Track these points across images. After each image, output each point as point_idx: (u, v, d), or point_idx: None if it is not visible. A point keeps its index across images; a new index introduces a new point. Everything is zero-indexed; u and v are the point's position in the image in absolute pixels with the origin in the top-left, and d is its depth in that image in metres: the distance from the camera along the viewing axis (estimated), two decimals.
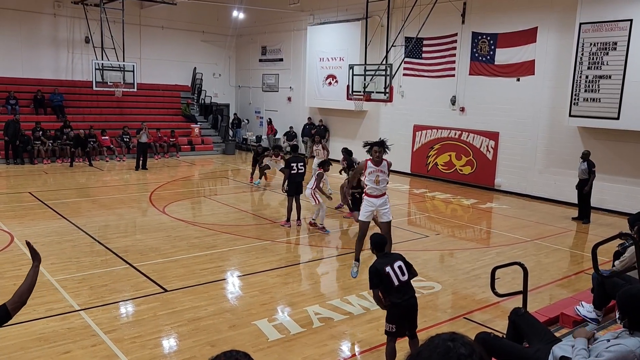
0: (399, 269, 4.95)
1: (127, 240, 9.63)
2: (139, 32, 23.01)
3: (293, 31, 22.82)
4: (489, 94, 16.00)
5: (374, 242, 5.31)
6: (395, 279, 4.88)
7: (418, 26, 15.25)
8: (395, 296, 4.88)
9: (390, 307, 4.96)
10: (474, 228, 11.93)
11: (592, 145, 13.40)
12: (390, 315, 4.97)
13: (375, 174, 7.73)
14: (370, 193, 7.81)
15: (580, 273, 8.71)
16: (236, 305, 6.91)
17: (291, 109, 23.59)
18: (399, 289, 4.90)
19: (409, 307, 4.97)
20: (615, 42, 12.61)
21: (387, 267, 4.91)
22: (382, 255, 5.20)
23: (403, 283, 4.93)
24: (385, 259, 5.09)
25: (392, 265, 4.93)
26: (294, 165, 10.78)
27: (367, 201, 7.80)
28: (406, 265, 5.07)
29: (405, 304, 4.92)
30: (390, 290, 4.90)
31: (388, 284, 4.89)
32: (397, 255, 5.19)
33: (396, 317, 4.93)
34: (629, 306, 2.97)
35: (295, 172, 10.79)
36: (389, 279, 4.88)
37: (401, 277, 4.93)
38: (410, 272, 5.08)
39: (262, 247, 9.55)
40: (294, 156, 11.59)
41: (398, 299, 4.89)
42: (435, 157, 17.65)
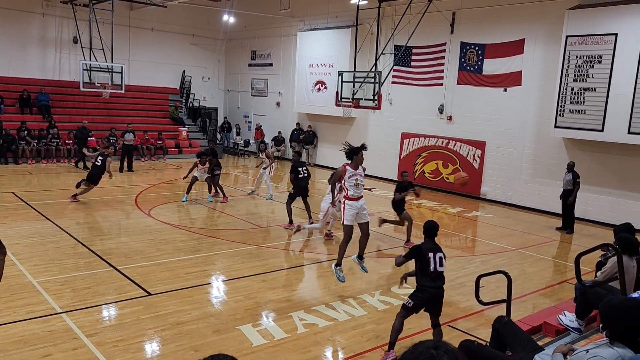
0: (439, 259, 5.41)
1: (112, 243, 9.55)
2: (128, 33, 22.89)
3: (283, 36, 22.87)
4: (477, 104, 16.16)
5: (428, 227, 5.69)
6: (432, 265, 5.35)
7: (407, 35, 15.37)
8: (427, 280, 5.35)
9: (417, 289, 5.43)
10: (460, 236, 12.00)
11: (577, 157, 13.58)
12: (415, 295, 5.43)
13: (354, 177, 7.80)
14: (352, 196, 7.84)
15: (564, 282, 8.80)
16: (220, 310, 6.87)
17: (280, 114, 23.59)
18: (432, 276, 5.36)
19: (435, 294, 5.40)
20: (601, 55, 12.82)
21: (430, 253, 5.39)
22: (430, 242, 5.61)
23: (438, 272, 5.39)
24: (432, 245, 5.54)
25: (435, 253, 5.41)
26: (300, 169, 11.37)
27: (349, 205, 7.82)
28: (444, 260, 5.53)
29: (432, 291, 5.37)
30: (424, 272, 5.36)
31: (425, 266, 5.35)
32: (441, 249, 5.60)
33: (419, 298, 5.38)
34: (609, 317, 3.01)
35: (301, 176, 11.38)
36: (427, 263, 5.35)
37: (438, 266, 5.39)
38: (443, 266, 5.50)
39: (247, 252, 9.52)
40: (299, 161, 11.97)
41: (428, 283, 5.35)
42: (422, 165, 17.76)
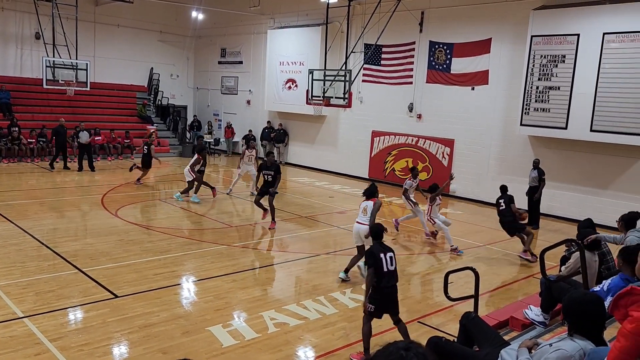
0: (390, 259, 5.58)
1: (77, 245, 9.30)
2: (94, 29, 22.36)
3: (253, 34, 22.71)
4: (445, 102, 16.37)
5: (375, 230, 5.96)
6: (385, 266, 5.50)
7: (377, 33, 15.46)
8: (382, 281, 5.49)
9: (373, 291, 5.52)
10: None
11: (542, 154, 13.90)
12: (373, 298, 5.54)
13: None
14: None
15: (530, 277, 8.99)
16: (190, 311, 6.77)
17: (250, 112, 23.43)
18: (386, 275, 5.51)
19: (390, 294, 5.56)
20: (564, 55, 13.14)
21: (381, 254, 5.56)
22: (378, 243, 5.80)
23: (390, 272, 5.54)
24: (381, 247, 5.71)
25: (385, 254, 5.57)
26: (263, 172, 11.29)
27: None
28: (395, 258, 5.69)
29: (387, 290, 5.52)
30: (379, 274, 5.49)
31: (380, 268, 5.50)
32: (391, 249, 5.75)
33: (377, 300, 5.52)
34: (570, 311, 3.09)
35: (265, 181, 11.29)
36: (381, 264, 5.50)
37: (389, 266, 5.55)
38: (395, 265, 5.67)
39: (217, 251, 9.42)
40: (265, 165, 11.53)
41: (383, 283, 5.48)
42: (393, 162, 17.90)
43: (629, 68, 12.11)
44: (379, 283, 5.49)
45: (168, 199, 14.05)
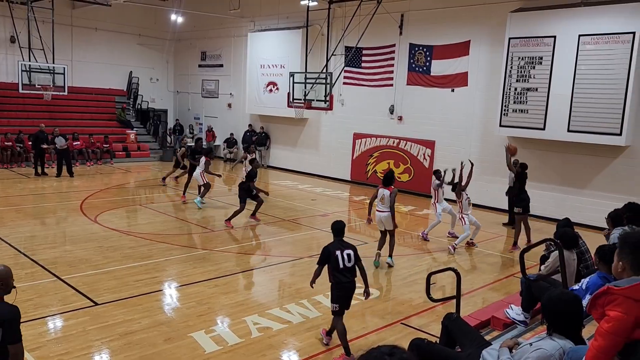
0: (347, 256, 5.75)
1: (55, 252, 9.14)
2: (71, 33, 22.06)
3: (233, 37, 22.62)
4: (426, 104, 16.50)
5: (336, 227, 6.03)
6: (341, 263, 5.70)
7: (357, 36, 15.52)
8: (340, 276, 5.70)
9: (333, 289, 5.78)
10: (412, 234, 12.19)
11: (521, 155, 14.03)
12: (334, 296, 5.77)
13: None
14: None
15: (510, 277, 9.09)
16: (172, 318, 6.70)
17: (231, 116, 23.33)
18: (343, 272, 5.71)
19: (349, 290, 5.79)
20: (541, 56, 13.35)
21: (337, 251, 5.73)
22: (337, 240, 5.95)
23: (348, 268, 5.73)
24: (340, 244, 5.87)
25: (342, 251, 5.75)
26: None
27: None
28: (356, 257, 5.84)
29: (347, 285, 5.75)
30: (335, 271, 5.72)
31: (334, 265, 5.71)
32: (350, 245, 5.93)
33: (338, 297, 5.73)
34: (548, 310, 3.14)
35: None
36: (336, 262, 5.69)
37: (347, 263, 5.73)
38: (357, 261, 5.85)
39: (200, 256, 9.35)
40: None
41: (342, 279, 5.70)
42: (375, 164, 17.97)
43: (604, 69, 12.34)
44: (337, 280, 5.72)
45: (148, 203, 13.91)
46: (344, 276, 5.71)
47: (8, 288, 3.61)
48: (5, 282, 3.58)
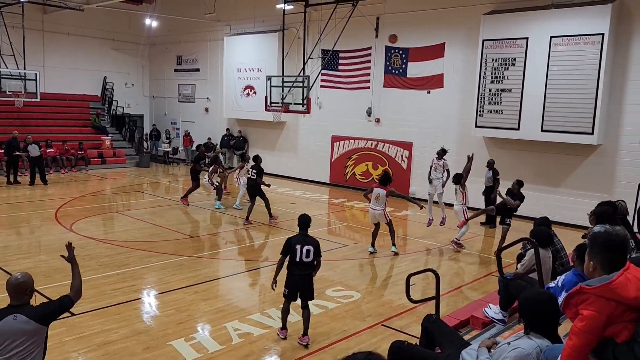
0: (307, 252, 6.06)
1: (29, 262, 8.95)
2: (42, 38, 21.65)
3: (209, 41, 22.48)
4: (403, 106, 16.62)
5: (302, 220, 6.32)
6: (298, 256, 6.05)
7: (334, 39, 15.55)
8: (295, 269, 6.09)
9: (287, 276, 6.18)
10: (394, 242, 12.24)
11: (497, 154, 14.29)
12: (287, 281, 6.20)
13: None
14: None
15: (489, 275, 9.21)
16: (151, 326, 6.61)
17: (209, 120, 23.16)
18: (298, 265, 6.06)
19: (300, 281, 6.11)
20: (514, 58, 13.57)
21: (298, 246, 6.06)
22: (301, 234, 6.22)
23: (305, 263, 6.07)
24: (301, 238, 6.16)
25: (303, 246, 6.07)
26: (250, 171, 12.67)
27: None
28: (316, 253, 6.12)
29: (298, 277, 6.09)
30: (291, 262, 6.10)
31: (292, 257, 6.07)
32: (314, 241, 6.18)
33: (289, 284, 6.16)
34: (525, 309, 3.19)
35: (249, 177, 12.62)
36: (294, 254, 6.05)
37: (304, 257, 6.06)
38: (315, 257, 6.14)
39: (178, 263, 9.24)
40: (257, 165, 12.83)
41: (296, 271, 6.08)
42: (353, 167, 18.04)
43: (575, 70, 12.60)
44: (290, 271, 6.12)
45: (125, 210, 13.71)
46: (297, 269, 6.08)
47: (32, 293, 3.79)
48: (31, 288, 3.77)
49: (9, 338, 3.56)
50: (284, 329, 6.34)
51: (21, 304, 3.66)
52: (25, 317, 3.59)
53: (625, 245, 2.70)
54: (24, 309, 3.64)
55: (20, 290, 3.67)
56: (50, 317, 3.77)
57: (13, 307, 3.64)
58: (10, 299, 3.70)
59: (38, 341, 3.68)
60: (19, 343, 3.58)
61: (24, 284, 3.69)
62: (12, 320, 3.57)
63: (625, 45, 12.49)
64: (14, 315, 3.59)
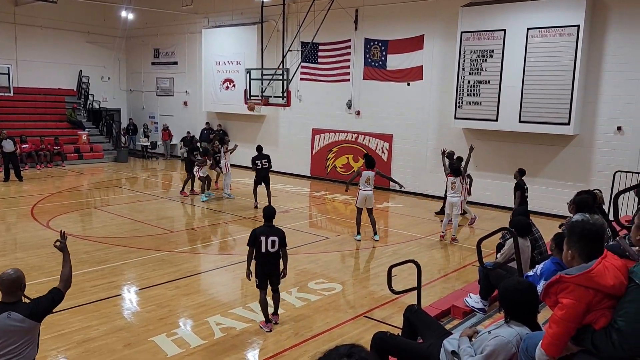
0: (271, 242, 6.26)
1: (5, 260, 8.77)
2: (14, 31, 21.13)
3: (187, 34, 22.19)
4: (383, 98, 16.66)
5: (266, 212, 6.51)
6: (263, 247, 6.24)
7: (313, 31, 15.49)
8: (260, 259, 6.30)
9: (255, 266, 6.34)
10: (370, 227, 12.30)
11: (476, 145, 14.36)
12: (256, 272, 6.36)
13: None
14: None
15: (469, 265, 9.31)
16: (132, 322, 6.54)
17: (188, 114, 22.92)
18: (265, 256, 6.27)
19: (267, 269, 6.35)
20: (492, 49, 13.69)
21: (262, 237, 6.24)
22: (266, 225, 6.42)
23: (270, 252, 6.28)
24: (266, 229, 6.35)
25: (267, 237, 6.25)
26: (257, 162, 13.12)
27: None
28: (281, 243, 6.33)
29: (265, 267, 6.33)
30: (258, 253, 6.28)
31: (258, 248, 6.26)
32: (278, 232, 6.37)
33: (259, 273, 6.34)
34: (504, 298, 3.24)
35: (259, 168, 13.13)
36: (259, 245, 6.24)
37: (270, 248, 6.26)
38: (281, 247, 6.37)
39: (159, 258, 9.16)
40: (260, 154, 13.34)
41: (262, 260, 6.29)
42: (334, 159, 18.04)
43: (552, 61, 12.76)
44: (258, 261, 6.31)
45: (103, 206, 13.51)
46: (264, 258, 6.30)
47: (24, 289, 3.79)
48: (24, 284, 3.76)
49: (3, 336, 3.50)
50: (268, 322, 6.42)
51: (14, 302, 3.59)
52: (19, 314, 3.54)
53: (602, 234, 2.75)
54: (17, 306, 3.57)
55: (13, 286, 3.60)
56: (44, 313, 3.73)
57: (6, 305, 3.57)
58: (2, 296, 3.61)
59: (32, 338, 3.65)
60: (14, 341, 3.54)
61: (17, 280, 3.62)
62: (6, 318, 3.51)
63: (600, 37, 12.69)
64: (7, 313, 3.52)
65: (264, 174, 13.29)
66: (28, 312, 3.60)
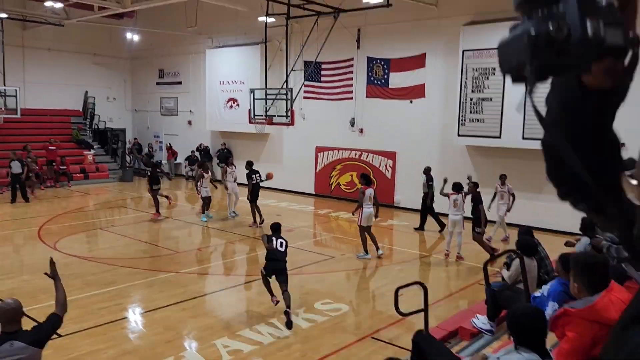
0: (280, 243, 7.55)
1: (12, 282, 8.81)
2: (22, 54, 21.42)
3: (192, 54, 22.45)
4: (385, 116, 16.76)
5: (274, 227, 7.98)
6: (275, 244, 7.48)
7: (316, 50, 15.68)
8: (270, 255, 7.43)
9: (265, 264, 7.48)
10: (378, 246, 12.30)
11: (479, 162, 14.49)
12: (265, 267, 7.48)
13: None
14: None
15: (475, 284, 9.28)
16: (139, 345, 6.56)
17: (192, 133, 23.07)
18: (275, 251, 7.42)
19: (275, 265, 7.39)
20: (494, 67, 13.78)
21: (274, 238, 7.58)
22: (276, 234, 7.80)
23: (280, 250, 7.48)
24: (275, 234, 7.74)
25: (277, 239, 7.58)
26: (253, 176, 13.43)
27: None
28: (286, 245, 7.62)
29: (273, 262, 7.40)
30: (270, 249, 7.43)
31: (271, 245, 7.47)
32: (283, 238, 7.68)
33: (267, 267, 7.46)
34: (513, 324, 3.26)
35: (255, 182, 13.38)
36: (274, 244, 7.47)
37: (279, 247, 7.49)
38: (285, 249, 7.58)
39: (165, 279, 9.18)
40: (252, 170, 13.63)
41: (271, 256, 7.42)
42: (338, 177, 18.10)
43: None
44: (269, 256, 7.42)
45: (109, 227, 13.57)
46: (274, 254, 7.40)
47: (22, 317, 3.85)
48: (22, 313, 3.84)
49: None
50: (273, 295, 7.39)
51: (15, 331, 3.67)
52: (22, 343, 3.61)
53: (605, 267, 2.78)
54: (18, 335, 3.65)
55: (12, 317, 3.68)
56: (45, 340, 3.82)
57: (7, 334, 3.63)
58: (3, 326, 3.66)
59: None
60: None
61: (16, 310, 3.71)
62: (9, 347, 3.57)
63: None
64: (9, 342, 3.58)
65: (258, 189, 13.49)
66: (30, 340, 3.67)
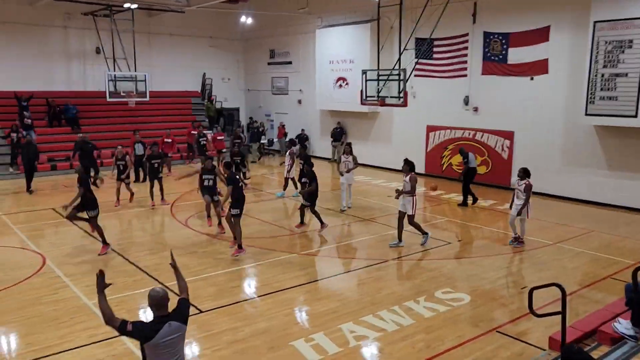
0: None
1: (154, 258, 9.64)
2: (149, 40, 23.10)
3: (301, 34, 22.84)
4: (503, 94, 15.99)
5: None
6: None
7: (427, 27, 15.20)
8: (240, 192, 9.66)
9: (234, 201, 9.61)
10: (493, 231, 11.95)
11: (609, 144, 13.43)
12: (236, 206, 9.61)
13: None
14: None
15: (607, 278, 8.74)
16: (272, 325, 6.94)
17: (302, 112, 23.65)
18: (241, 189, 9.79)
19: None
20: (631, 39, 12.57)
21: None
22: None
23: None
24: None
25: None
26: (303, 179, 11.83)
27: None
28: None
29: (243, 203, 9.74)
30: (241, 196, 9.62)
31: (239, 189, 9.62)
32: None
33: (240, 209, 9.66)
34: None
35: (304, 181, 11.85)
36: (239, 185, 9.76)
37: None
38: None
39: (287, 260, 9.61)
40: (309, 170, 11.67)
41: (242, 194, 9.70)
42: (450, 157, 17.68)
43: None
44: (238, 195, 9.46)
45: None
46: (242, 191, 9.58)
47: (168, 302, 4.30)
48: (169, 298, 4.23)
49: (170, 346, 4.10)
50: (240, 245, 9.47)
51: (167, 314, 4.16)
52: (177, 322, 4.13)
53: None
54: (171, 316, 4.15)
55: (163, 302, 4.16)
56: (188, 318, 4.34)
57: (163, 317, 4.13)
58: (156, 310, 4.16)
59: (183, 338, 4.27)
60: (180, 347, 4.21)
61: (165, 297, 4.17)
62: (169, 328, 4.07)
63: None
64: (168, 324, 4.08)
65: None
66: (181, 319, 4.20)
